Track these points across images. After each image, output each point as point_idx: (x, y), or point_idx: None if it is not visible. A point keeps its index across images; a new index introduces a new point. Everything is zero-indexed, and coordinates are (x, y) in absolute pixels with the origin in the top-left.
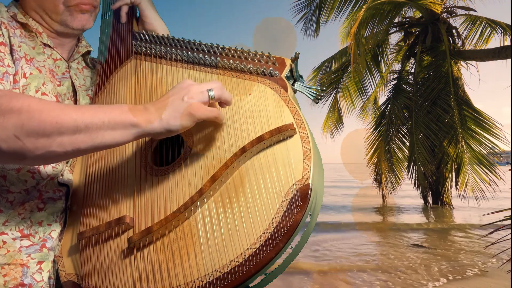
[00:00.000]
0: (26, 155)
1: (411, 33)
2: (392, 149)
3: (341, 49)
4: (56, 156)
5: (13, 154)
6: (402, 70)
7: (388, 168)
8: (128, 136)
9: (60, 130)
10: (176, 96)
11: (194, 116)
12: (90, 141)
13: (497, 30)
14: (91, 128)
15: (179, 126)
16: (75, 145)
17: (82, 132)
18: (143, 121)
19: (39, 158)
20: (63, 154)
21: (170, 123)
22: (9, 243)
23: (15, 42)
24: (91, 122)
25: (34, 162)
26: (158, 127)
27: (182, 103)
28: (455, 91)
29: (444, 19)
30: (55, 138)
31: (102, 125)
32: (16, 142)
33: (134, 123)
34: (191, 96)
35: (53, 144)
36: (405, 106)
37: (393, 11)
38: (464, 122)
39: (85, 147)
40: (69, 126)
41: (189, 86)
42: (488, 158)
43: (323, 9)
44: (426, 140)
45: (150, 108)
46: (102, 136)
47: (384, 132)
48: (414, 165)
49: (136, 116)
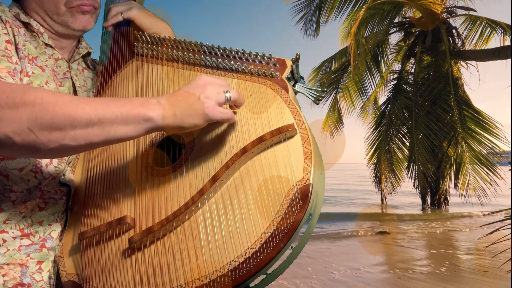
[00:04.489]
0: (40, 148)
1: (411, 33)
2: (392, 149)
3: (341, 49)
4: (69, 149)
5: (27, 147)
6: (402, 70)
7: (388, 168)
8: (141, 130)
9: (73, 123)
10: (192, 93)
11: (208, 116)
12: (103, 135)
13: (497, 30)
14: (104, 121)
15: (192, 124)
16: (88, 139)
17: (95, 125)
18: (156, 116)
19: (52, 151)
20: (76, 148)
21: (184, 121)
22: (9, 242)
23: (19, 40)
24: (104, 116)
25: (47, 155)
26: (172, 123)
27: (198, 102)
28: (455, 91)
29: (444, 19)
30: (68, 132)
31: (115, 119)
32: (30, 135)
33: (147, 117)
34: (208, 95)
35: (66, 138)
36: (405, 106)
37: (393, 11)
38: (464, 122)
39: (97, 140)
40: (82, 119)
41: (206, 84)
42: (489, 158)
43: (323, 9)
44: (426, 140)
45: (164, 103)
46: (115, 130)
47: (384, 132)
48: (414, 165)
49: (150, 111)
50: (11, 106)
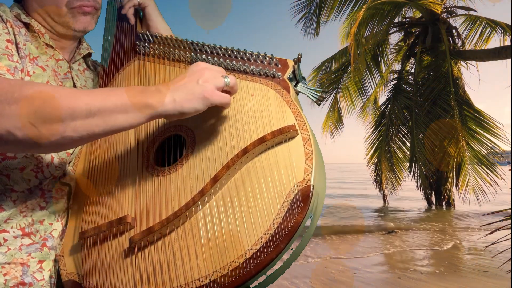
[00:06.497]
0: (42, 141)
1: (411, 33)
2: (392, 149)
3: (341, 49)
4: (71, 141)
5: (29, 142)
6: (402, 70)
7: (388, 168)
8: (141, 118)
9: (73, 114)
10: (191, 78)
11: (208, 100)
12: (104, 125)
13: (497, 30)
14: (104, 111)
15: (192, 109)
16: (90, 129)
17: (96, 116)
18: (156, 102)
19: (54, 144)
20: (78, 139)
21: (184, 106)
22: (10, 241)
23: (20, 40)
24: (104, 106)
25: (50, 149)
26: (171, 109)
27: (197, 86)
28: (455, 91)
29: (444, 19)
30: (69, 123)
31: (115, 108)
32: (31, 129)
33: (147, 104)
34: (206, 79)
35: (67, 129)
36: (405, 106)
37: (393, 11)
38: (464, 122)
39: (99, 130)
40: (81, 110)
41: (204, 69)
42: (489, 157)
43: (323, 9)
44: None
45: (163, 90)
46: (116, 119)
47: (384, 132)
48: (416, 165)
49: (149, 98)
50: (11, 101)
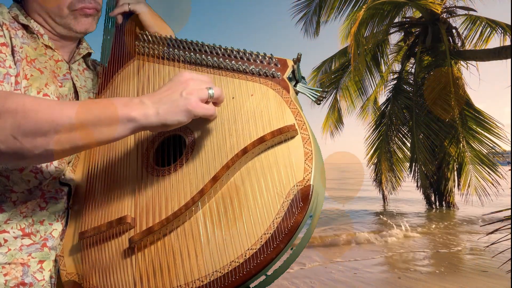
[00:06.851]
0: (25, 154)
1: (411, 33)
2: (392, 149)
3: (341, 49)
4: (55, 153)
5: (13, 155)
6: (402, 70)
7: (388, 168)
8: (125, 130)
9: (56, 128)
10: (174, 90)
11: (191, 112)
12: (87, 138)
13: (497, 30)
14: (87, 124)
15: (176, 121)
16: (73, 142)
17: (79, 129)
18: (139, 115)
19: (38, 157)
20: (61, 152)
21: (167, 118)
22: (10, 241)
23: (16, 43)
24: (87, 119)
25: (34, 161)
26: (155, 122)
27: (181, 99)
28: (455, 91)
29: (444, 19)
30: (52, 136)
31: (98, 122)
32: (14, 142)
33: (130, 118)
34: (190, 91)
35: (51, 142)
36: (405, 106)
37: (393, 11)
38: (465, 122)
39: (82, 143)
40: (64, 123)
41: (188, 80)
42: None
43: (323, 9)
44: (426, 140)
45: (146, 102)
46: (99, 132)
47: (384, 132)
48: (416, 165)
49: (132, 111)
50: None
